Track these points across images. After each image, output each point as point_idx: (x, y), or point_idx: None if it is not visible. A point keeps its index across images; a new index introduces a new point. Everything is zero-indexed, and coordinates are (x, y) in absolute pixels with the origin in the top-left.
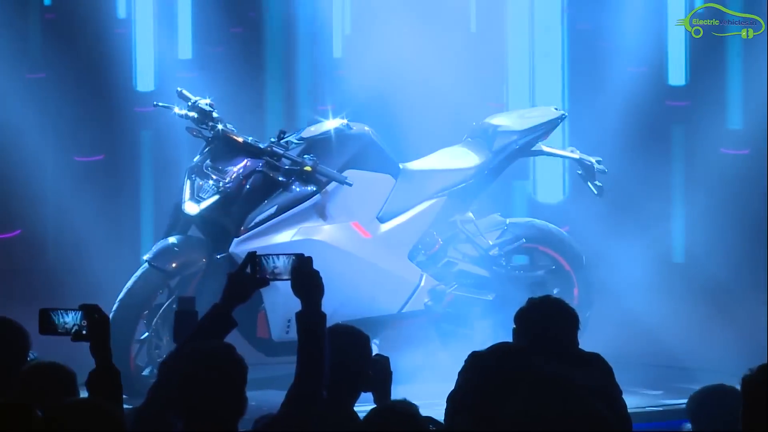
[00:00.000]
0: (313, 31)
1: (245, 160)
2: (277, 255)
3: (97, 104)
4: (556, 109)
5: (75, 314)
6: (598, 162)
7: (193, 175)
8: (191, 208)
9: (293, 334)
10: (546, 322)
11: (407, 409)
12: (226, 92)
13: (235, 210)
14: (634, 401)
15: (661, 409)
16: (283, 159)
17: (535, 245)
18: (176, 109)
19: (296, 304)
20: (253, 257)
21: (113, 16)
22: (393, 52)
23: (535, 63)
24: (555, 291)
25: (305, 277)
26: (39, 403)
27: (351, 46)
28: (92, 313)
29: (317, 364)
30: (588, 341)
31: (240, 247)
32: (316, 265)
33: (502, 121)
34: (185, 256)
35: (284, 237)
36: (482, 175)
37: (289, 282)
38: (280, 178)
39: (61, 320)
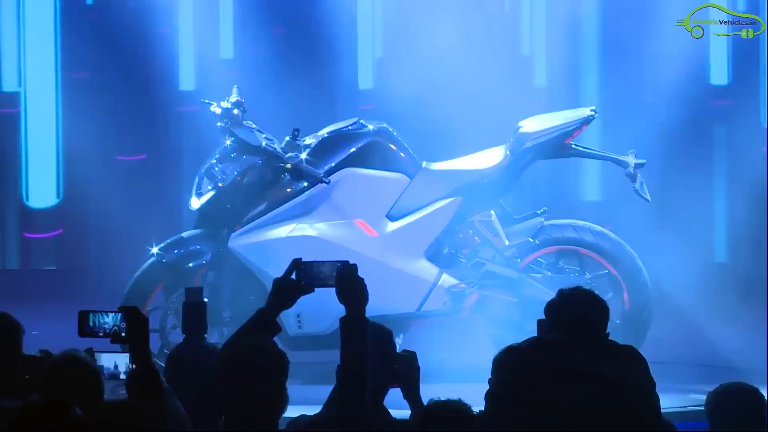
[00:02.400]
0: (355, 30)
1: (244, 157)
2: (322, 261)
3: (140, 103)
4: (592, 110)
5: (114, 316)
6: (636, 166)
7: (203, 172)
8: (194, 203)
9: (306, 329)
10: (578, 314)
11: (463, 409)
12: (267, 92)
13: (232, 205)
14: (675, 401)
15: (702, 408)
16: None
17: (575, 248)
18: (212, 107)
19: (302, 300)
20: (298, 264)
21: (156, 15)
22: (434, 52)
23: (577, 61)
24: (606, 297)
25: (350, 283)
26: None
27: (392, 46)
28: (131, 315)
29: (361, 369)
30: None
31: (236, 242)
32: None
33: (527, 123)
34: (190, 249)
35: (279, 233)
36: (496, 176)
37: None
38: (269, 176)
39: (101, 322)
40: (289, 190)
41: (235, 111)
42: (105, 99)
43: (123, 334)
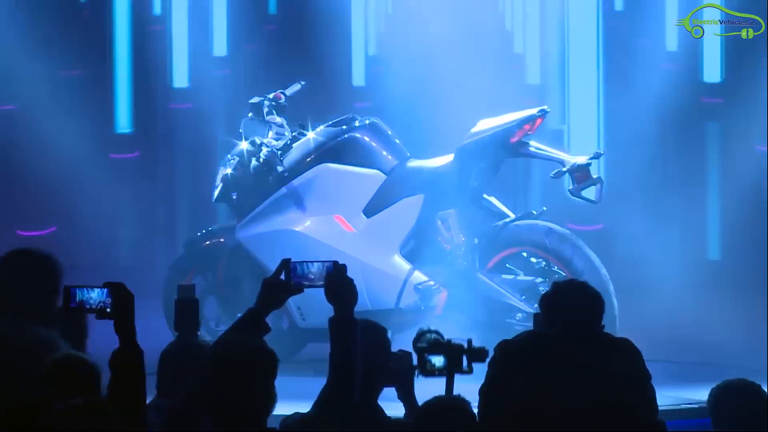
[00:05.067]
0: (348, 28)
1: (249, 150)
2: (312, 262)
3: (133, 101)
4: (540, 109)
5: (100, 291)
6: (576, 167)
7: (220, 164)
8: (215, 195)
9: (309, 322)
10: (572, 307)
11: (462, 406)
12: (260, 89)
13: (236, 198)
14: (669, 399)
15: (696, 406)
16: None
17: (534, 249)
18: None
19: (301, 294)
20: (287, 264)
21: (149, 13)
22: (429, 50)
23: (570, 60)
24: None
25: (339, 284)
26: (60, 397)
27: (386, 44)
28: (117, 291)
29: (349, 369)
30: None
31: (241, 233)
32: (296, 257)
33: (480, 122)
34: (215, 240)
35: (270, 226)
36: (447, 174)
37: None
38: (256, 170)
39: (86, 297)
40: (270, 183)
41: (264, 102)
42: (97, 96)
43: (108, 310)
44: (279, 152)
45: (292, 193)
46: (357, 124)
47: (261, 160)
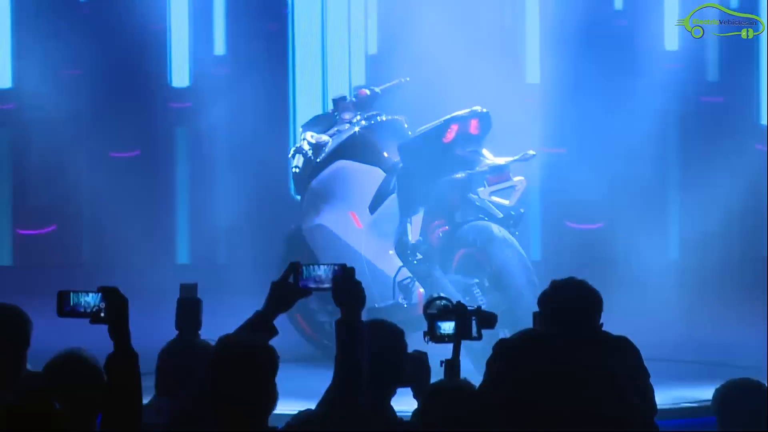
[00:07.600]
0: (348, 27)
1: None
2: (319, 264)
3: (133, 100)
4: (470, 110)
5: (94, 296)
6: (488, 170)
7: None
8: None
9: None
10: (571, 305)
11: (468, 388)
12: (260, 88)
13: (300, 192)
14: (662, 398)
15: (695, 405)
16: None
17: (472, 249)
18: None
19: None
20: (295, 267)
21: (149, 12)
22: (428, 49)
23: (570, 59)
24: (483, 302)
25: (346, 287)
26: (61, 395)
27: (386, 43)
28: (111, 295)
29: (356, 372)
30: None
31: (303, 226)
32: (324, 252)
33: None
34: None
35: (312, 221)
36: (396, 174)
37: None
38: (293, 167)
39: (80, 302)
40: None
41: (348, 98)
42: (98, 96)
43: (102, 315)
44: (310, 150)
45: (317, 189)
46: (380, 120)
47: (293, 156)
